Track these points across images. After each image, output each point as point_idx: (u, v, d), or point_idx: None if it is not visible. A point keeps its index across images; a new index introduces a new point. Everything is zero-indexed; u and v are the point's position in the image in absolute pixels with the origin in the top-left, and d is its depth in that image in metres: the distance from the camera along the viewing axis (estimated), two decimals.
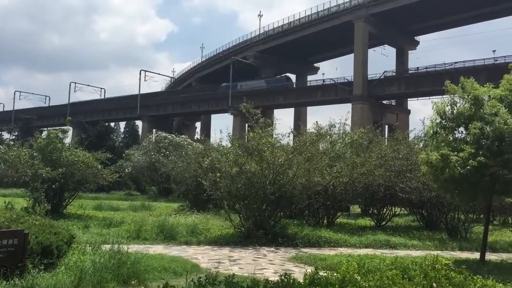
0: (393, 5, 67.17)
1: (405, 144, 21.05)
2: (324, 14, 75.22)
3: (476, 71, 52.58)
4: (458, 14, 70.36)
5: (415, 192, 17.65)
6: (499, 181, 11.36)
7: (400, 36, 77.96)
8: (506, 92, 12.06)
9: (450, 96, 12.62)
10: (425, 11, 68.57)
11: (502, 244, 15.68)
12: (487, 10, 68.80)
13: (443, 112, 12.48)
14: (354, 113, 64.97)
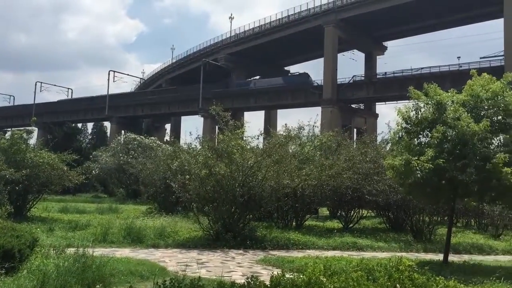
0: (362, 10, 68.32)
1: (373, 148, 21.39)
2: (295, 18, 75.81)
3: (442, 77, 54.05)
4: (425, 21, 72.07)
5: (381, 194, 17.94)
6: (460, 185, 11.64)
7: (369, 41, 79.32)
8: (468, 97, 12.39)
9: (415, 102, 12.91)
10: (393, 18, 69.94)
11: (465, 246, 16.11)
12: (452, 18, 70.72)
13: (407, 117, 12.77)
14: (324, 116, 65.60)
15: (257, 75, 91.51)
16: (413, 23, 73.55)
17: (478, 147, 11.50)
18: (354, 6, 69.56)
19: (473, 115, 12.04)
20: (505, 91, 12.11)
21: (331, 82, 71.00)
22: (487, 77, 12.51)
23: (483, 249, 15.93)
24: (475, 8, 66.16)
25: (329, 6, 72.12)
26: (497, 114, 12.15)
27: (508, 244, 17.00)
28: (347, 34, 73.29)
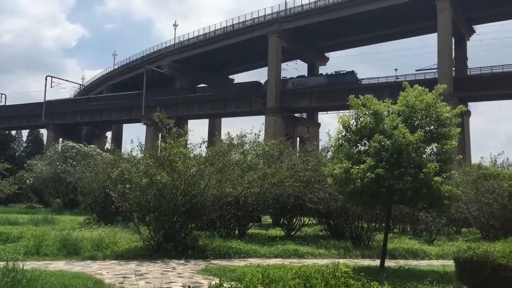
0: (304, 22, 69.95)
1: (314, 156, 21.77)
2: (239, 27, 76.44)
3: (380, 88, 56.17)
4: (365, 34, 74.78)
5: (322, 202, 18.24)
6: (396, 192, 12.04)
7: (312, 52, 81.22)
8: (403, 108, 12.88)
9: (354, 111, 13.28)
10: (334, 30, 72.05)
11: (400, 251, 16.65)
12: (389, 32, 73.83)
13: (348, 125, 13.12)
14: (268, 125, 66.36)
15: (201, 83, 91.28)
16: (354, 36, 76.11)
17: (413, 156, 11.96)
18: (297, 17, 71.07)
19: (408, 125, 12.54)
20: (437, 102, 12.69)
21: (275, 91, 71.94)
22: (420, 89, 13.04)
23: (417, 254, 16.54)
24: (410, 23, 69.43)
25: (273, 16, 73.29)
26: (430, 124, 12.69)
27: (440, 249, 17.73)
28: (290, 44, 74.65)
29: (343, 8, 66.58)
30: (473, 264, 9.46)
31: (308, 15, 69.79)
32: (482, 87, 61.64)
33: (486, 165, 25.50)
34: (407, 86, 13.23)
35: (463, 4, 61.55)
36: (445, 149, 12.62)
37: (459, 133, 12.93)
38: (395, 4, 62.57)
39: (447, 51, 62.17)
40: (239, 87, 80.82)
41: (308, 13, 69.79)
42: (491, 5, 62.88)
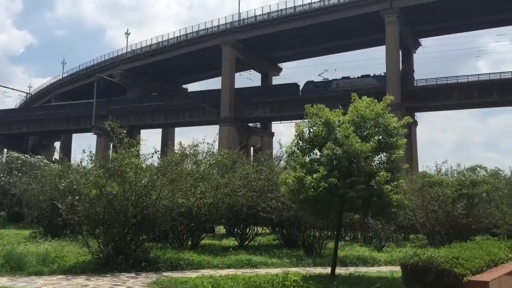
0: (257, 33, 70.68)
1: (267, 165, 21.92)
2: (193, 36, 76.26)
3: (333, 98, 57.31)
4: (317, 45, 76.33)
5: (275, 211, 18.36)
6: (347, 201, 12.30)
7: (265, 62, 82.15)
8: (354, 118, 13.21)
9: (308, 120, 13.52)
10: (288, 41, 73.18)
11: (351, 259, 16.98)
12: (340, 43, 75.70)
13: (301, 134, 13.34)
14: (222, 134, 66.32)
15: (154, 92, 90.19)
16: (306, 47, 77.54)
17: (363, 165, 12.28)
18: (250, 28, 71.73)
19: (359, 134, 12.88)
20: (385, 113, 13.11)
21: (228, 101, 72.09)
22: (368, 100, 13.43)
23: (367, 261, 16.92)
24: (360, 36, 71.51)
25: (227, 26, 73.62)
26: (379, 134, 13.09)
27: (389, 255, 18.21)
28: (244, 54, 75.17)
29: (295, 20, 67.80)
30: (419, 269, 9.78)
31: (261, 26, 70.58)
32: (428, 98, 64.17)
33: (431, 173, 26.48)
34: (355, 97, 13.59)
35: (409, 18, 64.03)
36: (393, 158, 13.05)
37: (405, 143, 13.40)
38: (346, 17, 64.36)
39: (395, 63, 64.41)
40: (193, 96, 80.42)
41: (261, 24, 70.57)
42: (436, 19, 65.78)
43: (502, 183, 25.60)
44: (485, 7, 60.97)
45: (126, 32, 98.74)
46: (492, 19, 66.87)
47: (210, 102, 74.09)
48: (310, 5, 67.48)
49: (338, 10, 65.21)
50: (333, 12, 65.41)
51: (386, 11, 62.30)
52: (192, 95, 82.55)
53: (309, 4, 67.62)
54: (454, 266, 9.60)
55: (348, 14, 64.18)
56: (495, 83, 60.32)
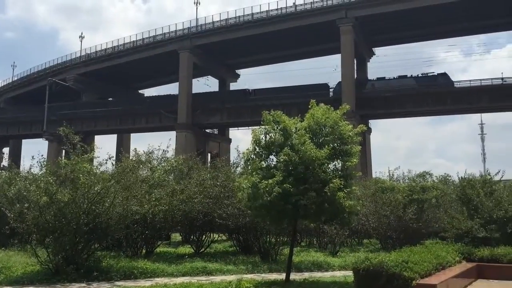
0: (215, 39, 70.65)
1: (223, 172, 21.89)
2: (150, 41, 75.36)
3: (290, 105, 57.96)
4: (274, 52, 77.08)
5: (231, 218, 18.35)
6: (301, 207, 12.44)
7: (223, 68, 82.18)
8: (310, 125, 13.41)
9: (265, 127, 13.63)
10: (245, 47, 73.56)
11: (306, 264, 17.16)
12: (298, 51, 76.72)
13: (258, 140, 13.42)
14: (179, 140, 65.85)
15: (110, 97, 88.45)
16: (264, 54, 78.14)
17: (317, 172, 12.47)
18: (208, 34, 71.66)
19: (315, 141, 13.08)
20: (340, 121, 13.37)
21: (186, 107, 71.58)
22: (324, 108, 13.67)
23: (322, 266, 17.14)
24: (317, 44, 72.78)
25: (184, 32, 73.23)
26: (334, 142, 13.33)
27: (343, 260, 18.50)
28: (202, 60, 74.96)
29: (253, 27, 68.23)
30: (370, 273, 10.02)
31: (219, 32, 70.58)
32: (382, 105, 65.88)
33: (384, 179, 27.18)
34: (313, 104, 13.82)
35: (364, 28, 65.68)
36: (346, 165, 13.33)
37: (359, 150, 13.71)
38: (302, 25, 65.32)
39: (350, 71, 65.82)
40: (150, 101, 79.33)
41: (219, 30, 70.59)
42: (389, 30, 67.84)
43: (450, 189, 26.54)
44: (436, 18, 63.41)
45: (81, 36, 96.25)
46: (443, 30, 69.58)
47: (167, 108, 73.31)
48: (268, 12, 68.10)
49: (294, 18, 66.10)
50: (290, 20, 66.26)
51: (342, 21, 63.67)
52: (149, 100, 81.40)
53: (266, 11, 68.23)
54: (403, 270, 9.90)
55: (305, 23, 65.17)
56: (444, 93, 62.61)
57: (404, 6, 60.20)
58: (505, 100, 60.12)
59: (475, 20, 65.20)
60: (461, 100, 62.12)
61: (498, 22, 66.47)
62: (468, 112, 78.12)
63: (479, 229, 17.29)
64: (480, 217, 17.85)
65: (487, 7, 59.51)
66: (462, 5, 59.10)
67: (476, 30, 72.87)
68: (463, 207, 19.49)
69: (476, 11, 61.11)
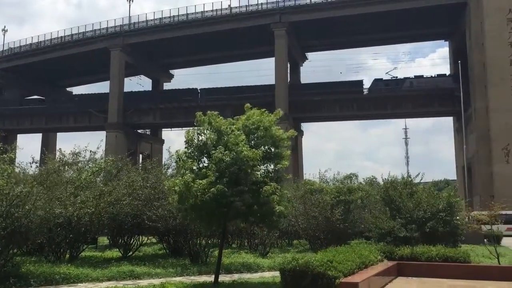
0: (149, 37, 69.39)
1: (154, 173, 21.48)
2: (79, 38, 72.73)
3: (223, 106, 58.04)
4: (209, 53, 76.84)
5: (161, 220, 18.04)
6: (232, 208, 12.46)
7: (156, 68, 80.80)
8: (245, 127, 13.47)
9: (198, 127, 13.53)
10: (180, 47, 72.79)
11: (236, 266, 17.19)
12: (233, 53, 77.04)
13: (191, 140, 13.30)
14: (109, 141, 63.91)
15: (35, 94, 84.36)
16: (198, 55, 77.70)
17: (250, 173, 12.55)
18: (141, 32, 70.28)
19: (249, 143, 13.17)
20: (273, 125, 13.55)
21: (117, 106, 69.70)
22: (258, 111, 13.79)
23: (252, 268, 17.24)
24: (252, 47, 73.46)
25: (116, 29, 71.34)
26: (266, 144, 13.49)
27: (273, 261, 18.71)
28: (135, 59, 73.34)
29: (188, 27, 67.71)
30: (296, 273, 10.22)
31: (153, 31, 69.38)
32: (313, 109, 67.65)
33: (314, 181, 27.87)
34: (248, 108, 13.92)
35: (297, 33, 67.15)
36: (278, 168, 13.54)
37: (290, 154, 13.98)
38: (237, 28, 65.69)
39: (284, 75, 67.04)
40: (79, 100, 76.43)
41: (153, 29, 69.39)
42: (321, 36, 69.78)
43: (375, 190, 27.65)
44: (365, 27, 66.07)
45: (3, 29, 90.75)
46: (371, 38, 72.60)
47: (98, 107, 70.99)
48: (203, 13, 67.86)
49: (230, 20, 66.36)
50: (225, 22, 66.44)
51: (276, 25, 64.71)
52: (78, 99, 78.44)
53: (201, 12, 67.96)
54: (328, 269, 10.19)
55: (240, 25, 65.61)
56: (372, 98, 65.38)
57: (334, 14, 62.38)
58: (426, 106, 63.80)
59: (400, 30, 68.68)
60: (386, 105, 65.17)
61: (421, 32, 70.44)
62: (392, 117, 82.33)
63: (400, 228, 18.17)
64: (401, 217, 18.78)
65: (410, 18, 62.86)
66: (389, 16, 62.06)
67: (402, 40, 76.87)
68: (386, 208, 20.39)
69: (400, 22, 64.36)
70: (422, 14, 61.03)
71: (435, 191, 21.32)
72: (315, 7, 63.53)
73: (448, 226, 18.75)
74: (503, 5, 53.67)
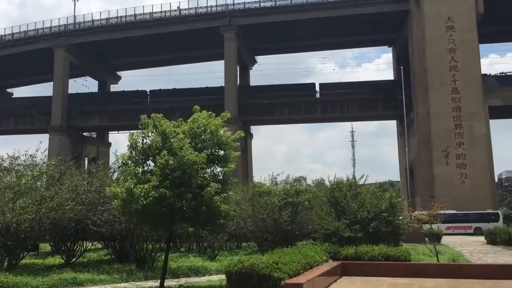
0: (95, 38, 67.73)
1: (99, 177, 20.93)
2: (21, 37, 69.84)
3: (173, 109, 57.50)
4: (160, 55, 75.83)
5: (106, 225, 17.61)
6: (178, 211, 12.35)
7: (103, 69, 78.82)
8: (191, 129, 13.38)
9: (143, 131, 13.32)
10: (127, 48, 71.44)
11: (183, 269, 17.02)
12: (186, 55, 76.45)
13: (135, 144, 13.07)
14: (52, 144, 61.88)
15: None
16: (147, 56, 76.48)
17: (195, 176, 12.48)
18: (86, 32, 68.51)
19: (194, 145, 13.09)
20: (220, 128, 13.54)
21: (61, 108, 67.47)
22: (206, 114, 13.75)
23: (199, 271, 17.12)
24: (202, 49, 73.09)
25: (60, 29, 69.14)
26: (213, 147, 13.46)
27: (221, 264, 18.65)
28: (80, 59, 71.28)
29: (136, 28, 66.60)
30: (242, 276, 10.26)
31: (99, 31, 67.74)
32: (263, 112, 68.16)
33: (262, 183, 28.08)
34: (197, 110, 13.86)
35: (246, 36, 67.47)
36: (224, 171, 13.54)
37: (237, 156, 14.01)
38: (187, 30, 65.20)
39: (233, 78, 67.17)
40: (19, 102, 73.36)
41: (99, 29, 67.75)
42: (270, 40, 70.53)
43: (322, 192, 28.19)
44: (311, 32, 67.42)
45: None
46: (318, 43, 74.09)
47: (40, 109, 68.37)
48: (151, 14, 66.93)
49: (179, 22, 65.80)
50: (175, 24, 65.83)
51: (226, 28, 64.77)
52: (19, 100, 75.30)
53: (150, 13, 67.00)
54: (273, 271, 10.29)
55: (190, 27, 65.18)
56: (319, 102, 66.72)
57: (282, 18, 63.35)
58: (371, 110, 65.83)
59: (346, 36, 70.52)
60: (332, 109, 66.69)
61: (366, 38, 72.64)
62: (339, 120, 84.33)
63: (345, 229, 18.62)
64: (346, 218, 19.25)
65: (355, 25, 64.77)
66: (334, 22, 63.70)
67: (348, 45, 78.99)
68: (332, 209, 20.85)
69: (346, 28, 66.15)
70: (367, 20, 62.99)
71: (378, 192, 22.01)
72: (264, 11, 64.18)
73: (390, 226, 19.39)
74: (443, 13, 56.25)
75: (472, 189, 51.79)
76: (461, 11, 55.78)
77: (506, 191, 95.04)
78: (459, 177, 53.36)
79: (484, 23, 57.05)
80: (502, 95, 57.66)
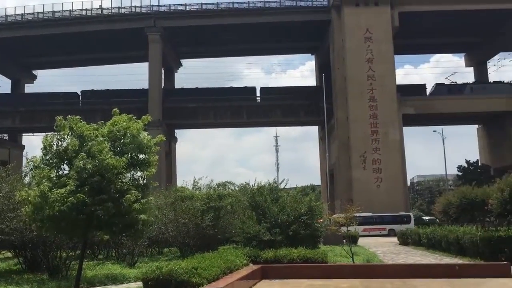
0: (7, 34, 63.88)
1: (9, 182, 19.67)
2: None
3: (93, 111, 55.45)
4: (79, 55, 72.92)
5: (16, 232, 16.60)
6: (94, 218, 11.91)
7: (17, 67, 74.38)
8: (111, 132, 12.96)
9: (59, 133, 12.73)
10: (44, 47, 68.09)
11: (100, 278, 16.38)
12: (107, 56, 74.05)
13: (49, 146, 12.45)
14: None
15: None
16: (66, 56, 73.32)
17: (115, 181, 12.10)
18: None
19: (114, 149, 12.69)
20: (141, 132, 13.24)
21: None
22: (126, 117, 13.40)
23: (117, 279, 16.57)
24: (126, 50, 71.21)
25: None
26: (133, 151, 13.13)
27: (140, 271, 18.12)
28: None
29: (53, 26, 63.63)
30: (159, 283, 10.11)
31: (12, 27, 63.92)
32: (187, 116, 67.58)
33: (185, 188, 27.80)
34: (116, 112, 13.45)
35: (172, 39, 66.65)
36: (144, 175, 13.26)
37: (157, 160, 13.77)
38: (109, 29, 63.24)
39: (157, 80, 66.06)
40: None
41: (12, 25, 63.99)
42: (196, 43, 70.15)
43: (245, 196, 28.41)
44: (236, 37, 67.93)
45: None
46: (243, 48, 74.79)
47: None
48: (71, 12, 64.16)
49: (101, 21, 63.68)
50: (96, 23, 63.59)
51: (150, 29, 63.59)
52: None
53: (69, 11, 64.20)
54: (192, 277, 10.23)
55: (113, 27, 63.30)
56: (244, 107, 67.30)
57: (207, 22, 63.46)
58: (295, 115, 67.47)
59: (271, 43, 71.82)
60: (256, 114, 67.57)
61: (290, 46, 74.52)
62: (264, 126, 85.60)
63: (265, 232, 18.93)
64: (266, 222, 19.57)
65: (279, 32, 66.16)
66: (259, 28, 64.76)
67: (273, 51, 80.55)
68: (253, 212, 21.10)
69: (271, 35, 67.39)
70: (290, 28, 64.57)
71: (298, 195, 22.58)
72: (189, 14, 63.82)
73: (309, 228, 19.97)
74: (362, 25, 58.97)
75: (387, 192, 54.60)
76: (379, 23, 58.77)
77: (417, 195, 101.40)
78: (375, 181, 56.07)
79: (399, 35, 60.48)
80: (413, 104, 61.27)
